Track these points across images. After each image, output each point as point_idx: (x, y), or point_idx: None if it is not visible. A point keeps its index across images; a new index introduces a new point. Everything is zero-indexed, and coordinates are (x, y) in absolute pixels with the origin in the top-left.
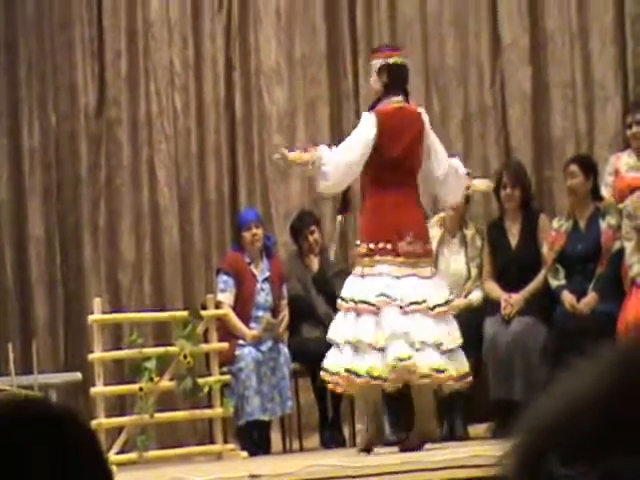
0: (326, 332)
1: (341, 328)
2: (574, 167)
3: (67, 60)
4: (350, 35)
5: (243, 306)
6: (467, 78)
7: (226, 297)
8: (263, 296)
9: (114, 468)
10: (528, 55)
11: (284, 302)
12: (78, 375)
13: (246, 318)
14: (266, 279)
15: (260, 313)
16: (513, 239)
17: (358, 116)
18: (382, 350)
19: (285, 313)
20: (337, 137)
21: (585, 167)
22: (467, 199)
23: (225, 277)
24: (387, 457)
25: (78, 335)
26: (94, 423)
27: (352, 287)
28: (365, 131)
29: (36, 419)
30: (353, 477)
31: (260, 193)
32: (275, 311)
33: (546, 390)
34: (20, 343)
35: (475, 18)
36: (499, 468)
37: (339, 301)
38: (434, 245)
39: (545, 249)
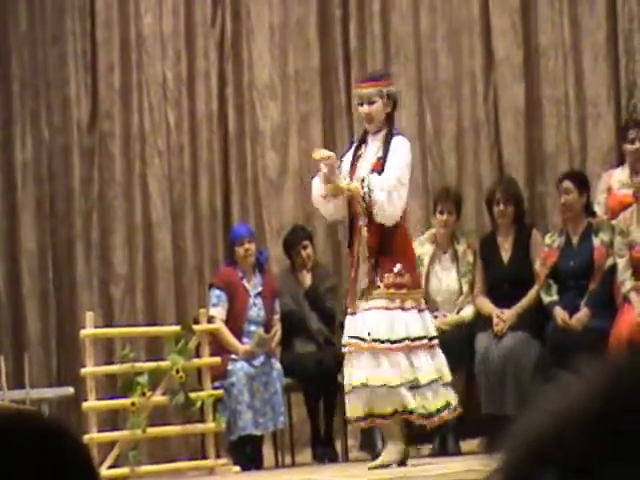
0: (319, 347)
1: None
2: (568, 183)
3: (60, 74)
4: (343, 51)
5: (235, 321)
6: (460, 94)
7: (218, 312)
8: (255, 311)
9: None
10: (521, 71)
11: (277, 317)
12: (70, 390)
13: (238, 333)
14: (259, 294)
15: (252, 328)
16: (505, 254)
17: (351, 132)
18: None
19: (277, 328)
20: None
21: (579, 183)
22: (458, 215)
23: (218, 292)
24: (379, 472)
25: (70, 349)
26: (86, 438)
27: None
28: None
29: (27, 433)
30: None
31: (253, 208)
32: (267, 326)
33: (534, 404)
34: (12, 357)
35: (468, 34)
36: None
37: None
38: (426, 261)
39: (537, 265)
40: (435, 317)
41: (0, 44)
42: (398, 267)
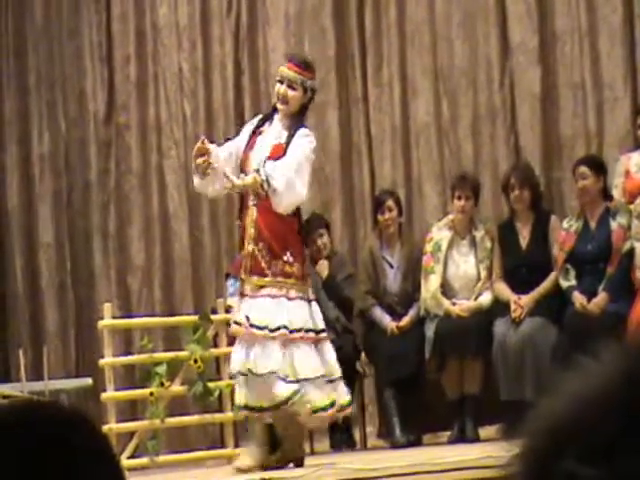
0: (337, 336)
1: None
2: (584, 168)
3: (76, 66)
4: (359, 39)
5: None
6: (476, 80)
7: (235, 301)
8: None
9: None
10: (537, 56)
11: None
12: (89, 380)
13: None
14: None
15: None
16: (523, 240)
17: (367, 120)
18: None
19: None
20: (346, 141)
21: (595, 167)
22: (476, 201)
23: (234, 281)
24: (397, 459)
25: (88, 340)
26: (105, 428)
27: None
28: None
29: (48, 422)
30: (363, 479)
31: None
32: None
33: (554, 390)
34: (31, 349)
35: (484, 19)
36: (509, 469)
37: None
38: (443, 247)
39: (556, 250)
40: (453, 304)
41: (16, 37)
42: (288, 255)
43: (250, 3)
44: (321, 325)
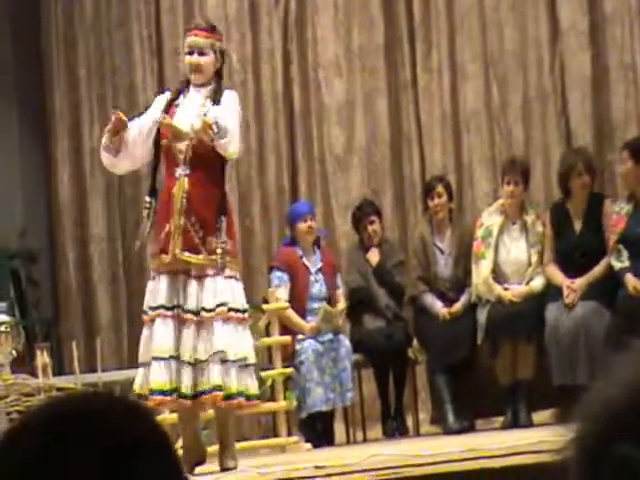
0: (388, 323)
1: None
2: (625, 153)
3: (126, 59)
4: (407, 25)
5: (298, 300)
6: (526, 63)
7: (281, 293)
8: (317, 287)
9: None
10: (587, 39)
11: (339, 291)
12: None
13: (302, 312)
14: (319, 270)
15: (315, 305)
16: (577, 224)
17: (417, 106)
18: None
19: (342, 303)
20: (396, 127)
21: (635, 152)
22: (526, 185)
23: (279, 273)
24: (451, 445)
25: (141, 332)
26: (159, 419)
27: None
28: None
29: (108, 414)
30: (417, 466)
31: (320, 185)
32: (331, 301)
33: (607, 375)
34: (84, 341)
35: (533, 2)
36: (564, 454)
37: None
38: (494, 232)
39: (608, 234)
40: (505, 289)
41: (66, 31)
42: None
43: None
44: (245, 305)
